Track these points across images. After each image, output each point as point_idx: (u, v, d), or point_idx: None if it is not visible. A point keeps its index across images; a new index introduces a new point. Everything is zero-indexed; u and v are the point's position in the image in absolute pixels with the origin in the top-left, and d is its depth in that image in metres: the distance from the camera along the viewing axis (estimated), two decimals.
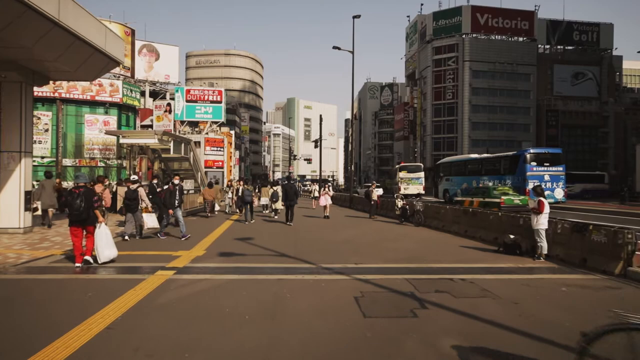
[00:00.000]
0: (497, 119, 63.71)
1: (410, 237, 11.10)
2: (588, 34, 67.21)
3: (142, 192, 10.18)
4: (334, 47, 23.10)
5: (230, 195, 18.81)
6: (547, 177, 19.33)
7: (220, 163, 58.27)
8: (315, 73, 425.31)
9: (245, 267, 6.89)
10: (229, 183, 20.91)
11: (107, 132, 20.13)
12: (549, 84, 65.64)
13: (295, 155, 50.02)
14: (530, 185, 18.26)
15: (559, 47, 67.83)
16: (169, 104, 57.89)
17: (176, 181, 10.69)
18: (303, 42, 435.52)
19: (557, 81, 65.74)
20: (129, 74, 53.35)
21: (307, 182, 71.30)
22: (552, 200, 18.02)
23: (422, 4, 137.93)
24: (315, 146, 34.51)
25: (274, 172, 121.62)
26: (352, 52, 22.95)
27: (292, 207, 14.15)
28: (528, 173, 19.17)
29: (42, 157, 45.01)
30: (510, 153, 22.63)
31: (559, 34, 66.64)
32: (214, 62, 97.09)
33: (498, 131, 63.66)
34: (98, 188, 9.36)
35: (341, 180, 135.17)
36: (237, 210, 18.04)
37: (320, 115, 30.00)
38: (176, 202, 10.47)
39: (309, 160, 51.85)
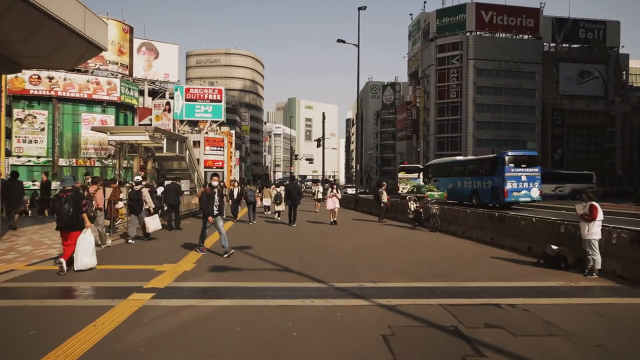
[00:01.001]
0: (502, 118, 62.58)
1: (430, 245, 9.84)
2: (594, 31, 66.17)
3: (145, 193, 9.85)
4: (339, 40, 21.90)
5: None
6: (524, 178, 20.54)
7: (220, 163, 57.15)
8: (315, 73, 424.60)
9: (241, 288, 5.62)
10: (221, 183, 18.36)
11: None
12: (555, 82, 64.57)
13: (296, 155, 48.94)
14: (509, 186, 20.28)
15: (564, 45, 66.79)
16: (168, 103, 56.86)
17: (215, 183, 8.43)
18: (303, 42, 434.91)
19: (562, 80, 64.68)
20: (127, 72, 52.21)
21: (308, 182, 70.00)
22: (528, 199, 20.52)
23: (425, 2, 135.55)
24: (318, 145, 33.45)
25: (274, 172, 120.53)
26: (358, 46, 21.75)
27: (295, 207, 13.88)
28: (506, 174, 20.39)
29: (38, 157, 43.92)
30: (491, 156, 24.08)
31: (565, 32, 65.58)
32: (214, 61, 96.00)
33: (503, 130, 62.51)
34: (92, 188, 8.68)
35: (342, 181, 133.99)
36: (231, 215, 15.29)
37: (323, 113, 28.79)
38: (215, 208, 8.21)
39: (310, 160, 50.71)
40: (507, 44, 63.28)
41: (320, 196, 20.27)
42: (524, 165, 20.91)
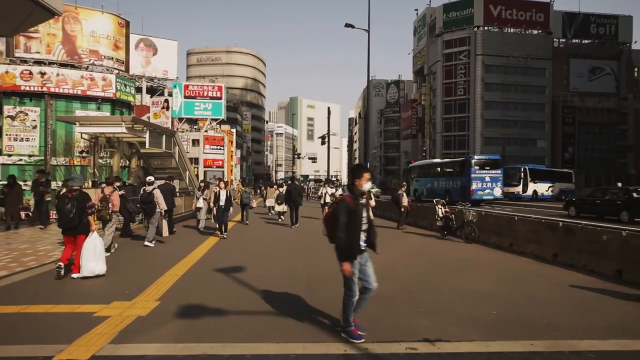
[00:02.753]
0: (511, 116, 60.50)
1: (476, 264, 7.56)
2: (606, 26, 64.09)
3: (158, 194, 9.40)
4: (347, 25, 19.70)
5: (201, 204, 12.23)
6: (487, 179, 23.56)
7: (221, 162, 55.12)
8: (317, 73, 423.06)
9: (217, 358, 3.46)
10: (201, 185, 13.06)
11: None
12: (565, 79, 62.43)
13: (299, 154, 47.02)
14: (474, 185, 23.14)
15: (575, 40, 64.57)
16: (166, 101, 54.91)
17: (366, 185, 4.11)
18: (305, 41, 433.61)
19: (573, 76, 62.51)
20: (123, 68, 49.96)
21: (311, 182, 67.71)
22: (491, 197, 23.67)
23: None
24: (322, 143, 31.46)
25: (276, 171, 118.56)
26: (368, 31, 19.57)
27: (297, 209, 13.75)
28: (472, 175, 23.41)
29: (30, 156, 41.76)
30: (460, 159, 27.71)
31: (576, 27, 63.50)
32: (215, 59, 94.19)
33: (512, 129, 60.38)
34: (107, 189, 8.14)
35: (344, 181, 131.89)
36: (216, 227, 11.51)
37: (329, 108, 26.75)
38: (362, 239, 4.11)
39: (313, 159, 48.68)
40: (516, 39, 61.13)
41: (328, 199, 15.72)
42: (488, 168, 23.88)
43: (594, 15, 64.36)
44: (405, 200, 12.95)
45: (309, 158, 49.21)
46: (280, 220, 15.35)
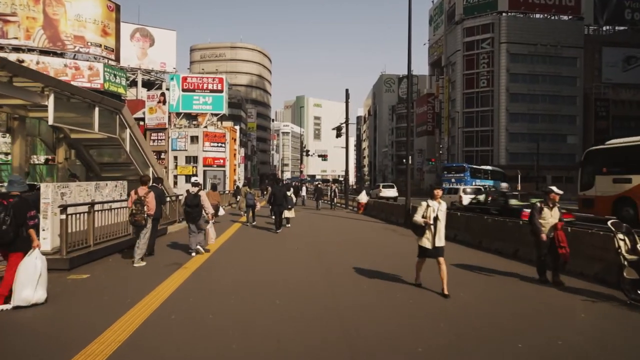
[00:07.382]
0: (539, 109, 55.32)
1: None
2: None
3: (204, 197, 8.10)
4: None
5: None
6: (453, 180, 30.30)
7: (222, 161, 50.00)
8: (323, 72, 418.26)
9: None
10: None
11: None
12: (597, 69, 57.01)
13: (307, 151, 41.93)
14: (443, 186, 26.90)
15: (607, 27, 59.11)
16: (163, 94, 49.93)
17: None
18: (310, 40, 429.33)
19: (605, 66, 57.14)
20: (112, 56, 44.91)
21: (317, 181, 62.25)
22: None
23: None
24: (338, 135, 26.50)
25: (282, 171, 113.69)
26: None
27: (281, 214, 12.98)
28: (442, 178, 32.24)
29: (7, 154, 36.95)
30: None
31: (609, 12, 58.30)
32: (219, 55, 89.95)
33: (540, 124, 55.26)
34: (141, 191, 7.02)
35: (352, 180, 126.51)
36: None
37: (347, 90, 21.56)
38: None
39: (324, 157, 43.73)
40: (545, 26, 55.92)
41: (442, 242, 5.51)
42: (453, 172, 31.44)
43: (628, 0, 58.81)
44: (551, 220, 6.06)
45: (319, 155, 44.37)
46: (287, 226, 13.56)
